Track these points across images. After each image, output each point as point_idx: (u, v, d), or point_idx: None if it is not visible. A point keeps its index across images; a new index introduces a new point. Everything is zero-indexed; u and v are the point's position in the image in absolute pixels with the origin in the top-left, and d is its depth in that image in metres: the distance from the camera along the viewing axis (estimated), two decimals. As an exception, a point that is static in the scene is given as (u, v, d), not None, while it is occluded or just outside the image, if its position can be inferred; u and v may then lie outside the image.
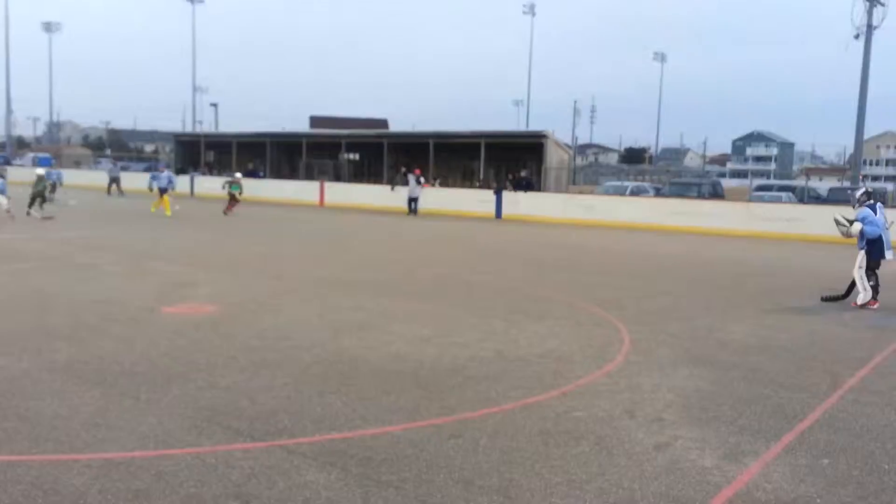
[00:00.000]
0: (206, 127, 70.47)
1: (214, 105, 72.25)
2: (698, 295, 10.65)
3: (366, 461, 4.23)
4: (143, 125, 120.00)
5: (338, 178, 35.58)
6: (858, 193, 10.51)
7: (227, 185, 24.96)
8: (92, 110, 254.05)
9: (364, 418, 4.97)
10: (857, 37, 33.11)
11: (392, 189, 30.18)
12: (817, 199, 25.92)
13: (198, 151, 42.28)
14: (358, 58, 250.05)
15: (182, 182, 37.58)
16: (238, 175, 26.74)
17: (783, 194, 26.37)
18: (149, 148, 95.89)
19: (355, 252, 15.04)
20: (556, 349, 7.06)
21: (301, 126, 51.04)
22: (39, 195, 21.24)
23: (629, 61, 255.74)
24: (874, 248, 9.93)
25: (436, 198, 29.18)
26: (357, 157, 40.27)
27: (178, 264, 12.35)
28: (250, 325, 7.76)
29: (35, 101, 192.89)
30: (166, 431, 4.62)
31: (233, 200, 24.67)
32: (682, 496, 3.89)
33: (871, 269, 9.97)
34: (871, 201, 10.25)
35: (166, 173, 25.05)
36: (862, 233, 9.94)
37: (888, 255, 9.97)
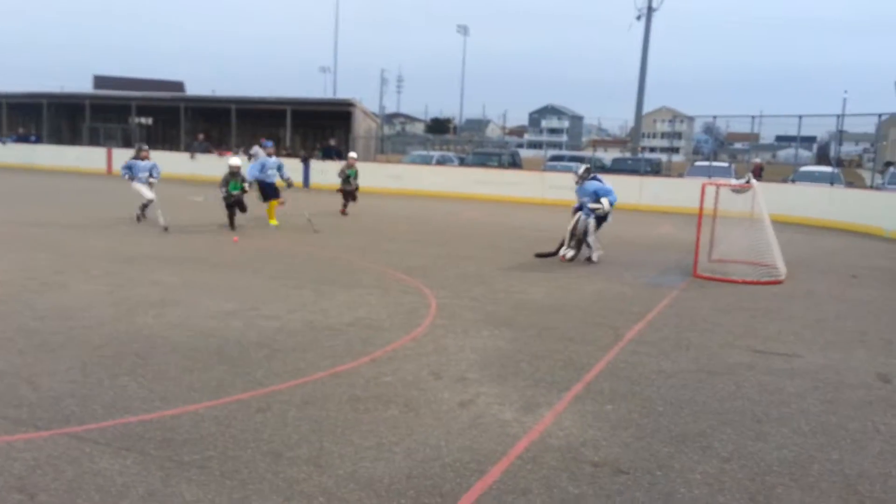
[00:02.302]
0: (-32, 85, 62.08)
1: (-23, 60, 63.96)
2: (498, 259, 11.18)
3: (166, 443, 4.03)
4: None
5: (128, 144, 32.98)
6: (581, 170, 11.64)
7: (344, 174, 17.18)
8: None
9: (163, 399, 4.72)
10: (638, 18, 36.06)
11: (191, 157, 28.57)
12: (603, 169, 28.08)
13: (-43, 113, 37.24)
14: (150, 16, 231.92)
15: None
16: (353, 155, 18.34)
17: (574, 164, 28.22)
18: None
19: (150, 224, 14.08)
20: (365, 317, 7.12)
21: (84, 86, 46.60)
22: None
23: (434, 33, 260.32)
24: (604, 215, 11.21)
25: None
26: (150, 121, 37.62)
27: (-63, 240, 10.88)
28: (29, 304, 7.04)
29: None
30: (-73, 428, 4.09)
31: (348, 195, 17.07)
32: (485, 448, 4.11)
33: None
34: (593, 174, 11.58)
35: (274, 159, 15.05)
36: (610, 202, 11.19)
37: (609, 218, 11.36)
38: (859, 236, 16.37)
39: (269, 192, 14.54)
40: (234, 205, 13.61)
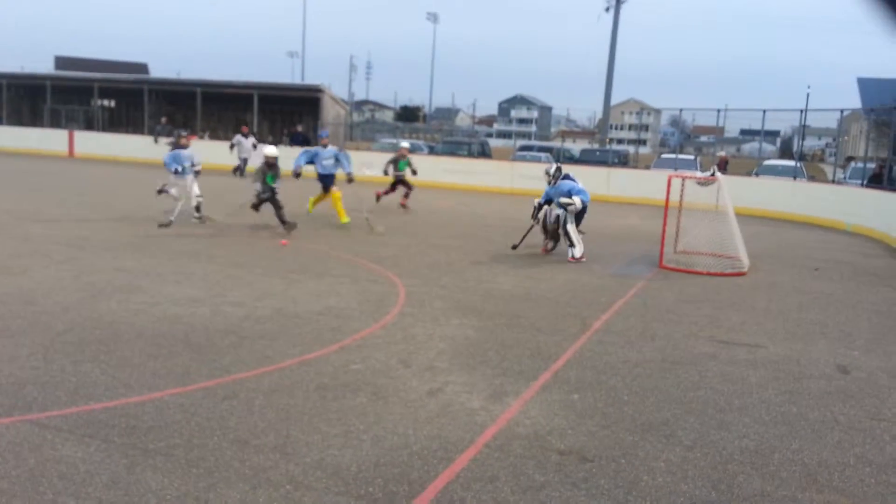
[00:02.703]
0: (-78, 62, 60.03)
1: (-68, 37, 62.01)
2: (468, 249, 11.20)
3: (130, 430, 3.98)
4: None
5: (90, 126, 32.29)
6: (552, 170, 11.08)
7: (391, 166, 16.17)
8: None
9: (127, 386, 4.65)
10: (607, 10, 36.22)
11: (155, 141, 28.08)
12: (571, 160, 28.26)
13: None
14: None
15: None
16: (405, 145, 17.38)
17: (542, 155, 28.34)
18: None
19: (114, 209, 13.83)
20: (335, 305, 7.09)
21: (45, 67, 45.42)
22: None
23: (404, 19, 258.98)
24: (582, 210, 10.79)
25: (206, 151, 27.67)
26: (112, 104, 36.85)
27: None
28: (-13, 290, 6.88)
29: None
30: None
31: (404, 186, 16.05)
32: (452, 436, 4.13)
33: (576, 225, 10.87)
34: (565, 173, 11.01)
35: (331, 150, 13.63)
36: (583, 201, 10.70)
37: (584, 216, 10.90)
38: (821, 230, 16.72)
39: (326, 183, 13.33)
40: (269, 201, 11.75)
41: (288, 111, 32.45)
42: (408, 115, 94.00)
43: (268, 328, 6.14)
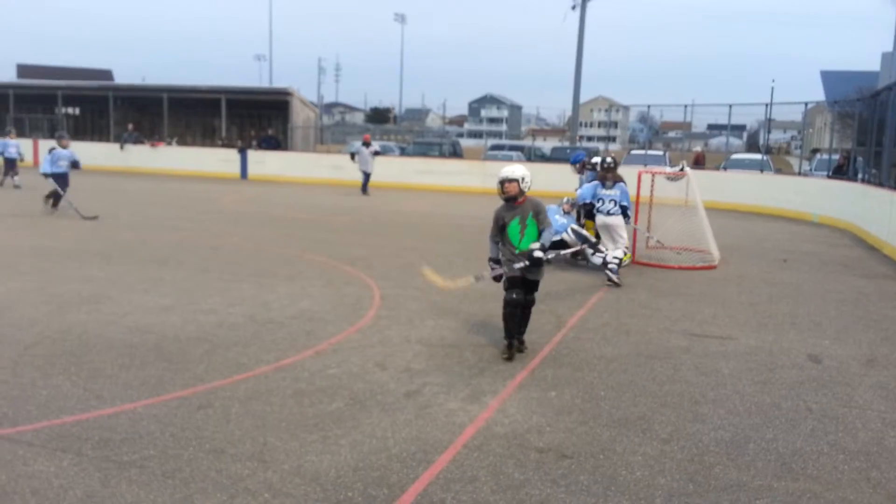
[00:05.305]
0: None
1: None
2: (441, 249, 11.19)
3: (103, 443, 3.91)
4: None
5: (55, 134, 31.76)
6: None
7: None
8: None
9: (99, 398, 4.57)
10: (574, 8, 36.42)
11: (121, 148, 27.73)
12: (542, 158, 28.41)
13: None
14: (75, 1, 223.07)
15: None
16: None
17: (514, 153, 28.47)
18: None
19: (78, 217, 13.59)
20: (309, 309, 7.04)
21: (7, 76, 44.57)
22: None
23: (372, 21, 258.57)
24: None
25: (174, 157, 27.40)
26: (77, 111, 36.25)
27: None
28: (-48, 304, 6.73)
29: None
30: None
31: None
32: (431, 438, 4.12)
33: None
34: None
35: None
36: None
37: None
38: (788, 221, 16.98)
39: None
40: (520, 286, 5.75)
41: (257, 115, 32.16)
42: (378, 116, 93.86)
43: (241, 334, 6.08)
